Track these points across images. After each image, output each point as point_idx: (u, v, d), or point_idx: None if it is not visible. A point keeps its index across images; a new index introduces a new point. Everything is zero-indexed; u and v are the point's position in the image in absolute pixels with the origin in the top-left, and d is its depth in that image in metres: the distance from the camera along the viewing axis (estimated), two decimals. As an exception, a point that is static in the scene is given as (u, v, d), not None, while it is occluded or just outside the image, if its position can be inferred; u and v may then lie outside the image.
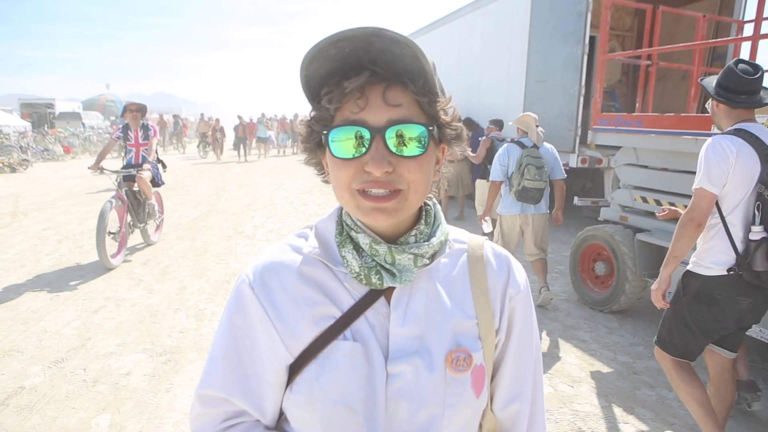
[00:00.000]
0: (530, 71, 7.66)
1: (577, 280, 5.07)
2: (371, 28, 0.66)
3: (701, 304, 2.51)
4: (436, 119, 0.76)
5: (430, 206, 0.87)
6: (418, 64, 0.70)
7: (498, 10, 8.62)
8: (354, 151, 0.72)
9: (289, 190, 12.64)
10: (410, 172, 0.73)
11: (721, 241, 2.45)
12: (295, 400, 0.79)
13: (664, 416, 3.13)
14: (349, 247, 0.80)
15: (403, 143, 0.72)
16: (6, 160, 16.00)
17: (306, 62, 0.70)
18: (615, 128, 4.72)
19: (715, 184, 2.40)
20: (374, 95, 0.71)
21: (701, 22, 5.43)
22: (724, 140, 2.40)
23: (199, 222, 8.60)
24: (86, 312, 4.60)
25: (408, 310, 0.79)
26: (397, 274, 0.78)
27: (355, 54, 0.69)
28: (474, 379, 0.80)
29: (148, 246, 6.91)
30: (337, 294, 0.80)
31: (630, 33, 8.41)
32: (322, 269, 0.82)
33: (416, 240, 0.81)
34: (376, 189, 0.72)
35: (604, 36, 4.95)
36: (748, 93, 2.47)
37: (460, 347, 0.79)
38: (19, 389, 3.31)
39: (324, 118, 0.75)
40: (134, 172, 6.16)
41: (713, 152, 2.41)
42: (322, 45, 0.68)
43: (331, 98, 0.72)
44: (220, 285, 5.38)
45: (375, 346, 0.78)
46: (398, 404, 0.77)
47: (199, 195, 11.62)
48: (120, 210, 5.93)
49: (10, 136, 19.39)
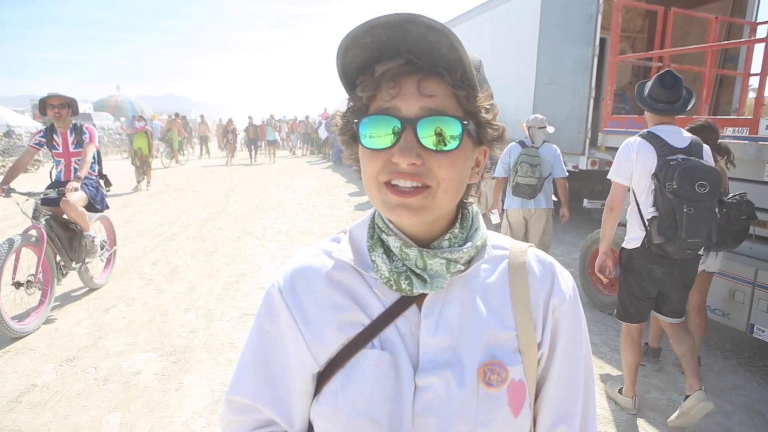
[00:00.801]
0: (540, 73, 7.63)
1: (586, 283, 5.04)
2: (406, 14, 0.63)
3: (627, 272, 3.09)
4: (474, 115, 0.71)
5: (468, 210, 0.81)
6: (456, 54, 0.66)
7: (507, 13, 8.61)
8: (383, 141, 0.69)
9: (298, 191, 12.67)
10: (441, 167, 0.68)
11: (636, 221, 2.99)
12: (320, 410, 0.76)
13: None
14: (380, 251, 0.77)
15: (435, 137, 0.68)
16: (18, 160, 16.18)
17: (342, 50, 0.68)
18: (625, 130, 4.70)
19: (622, 176, 2.98)
20: (408, 84, 0.68)
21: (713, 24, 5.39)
22: (631, 141, 2.96)
23: (209, 223, 8.65)
24: (97, 311, 4.64)
25: (441, 319, 0.74)
26: (428, 280, 0.73)
27: (391, 42, 0.66)
28: (511, 396, 0.73)
29: (157, 247, 6.94)
30: (367, 300, 0.77)
31: (641, 35, 8.37)
32: (352, 274, 0.79)
33: (450, 244, 0.77)
34: (403, 182, 0.68)
35: (615, 38, 4.93)
36: (666, 102, 2.92)
37: (495, 359, 0.74)
38: (31, 387, 3.34)
39: (358, 108, 0.73)
40: (56, 195, 4.50)
41: (621, 151, 2.99)
42: (357, 32, 0.65)
43: (365, 86, 0.70)
44: (229, 285, 5.41)
45: (404, 356, 0.73)
46: (426, 419, 0.71)
47: (209, 196, 11.68)
48: (35, 248, 4.24)
49: (22, 136, 19.61)
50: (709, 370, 3.74)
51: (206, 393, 3.31)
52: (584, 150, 6.66)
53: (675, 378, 3.61)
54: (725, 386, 3.52)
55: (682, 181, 2.68)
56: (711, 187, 2.68)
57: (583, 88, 6.65)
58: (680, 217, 2.70)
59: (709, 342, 4.21)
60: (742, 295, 3.50)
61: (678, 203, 2.71)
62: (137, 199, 10.96)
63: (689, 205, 2.68)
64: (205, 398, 3.25)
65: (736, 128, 3.65)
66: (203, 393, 3.31)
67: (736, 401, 3.33)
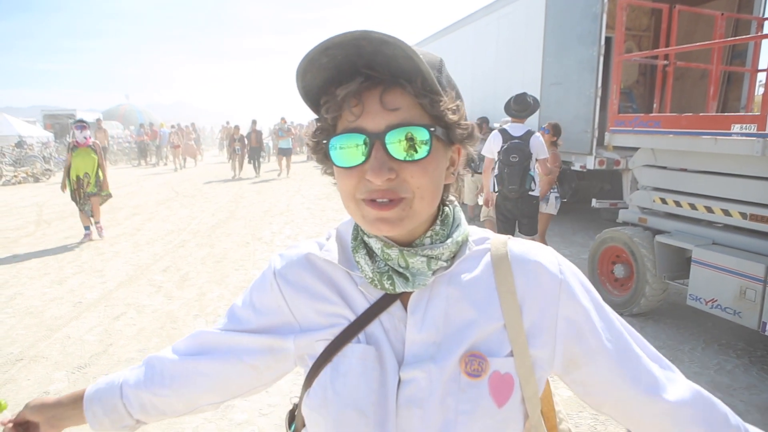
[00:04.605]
0: (546, 74, 7.62)
1: (596, 283, 5.01)
2: (358, 32, 0.63)
3: (497, 207, 5.31)
4: (440, 120, 0.72)
5: (449, 208, 0.83)
6: (412, 63, 0.66)
7: (512, 14, 8.60)
8: (354, 159, 0.70)
9: (306, 195, 12.71)
10: (414, 177, 0.70)
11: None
12: (311, 403, 0.80)
13: (686, 420, 3.08)
14: (362, 252, 0.79)
15: (404, 148, 0.69)
16: (29, 170, 16.37)
17: (300, 74, 0.69)
18: (632, 129, 4.68)
19: (488, 153, 5.23)
20: (371, 100, 0.69)
21: (719, 21, 5.35)
22: (494, 133, 5.24)
23: (218, 229, 8.69)
24: (108, 318, 4.68)
25: (426, 315, 0.76)
26: (410, 278, 0.75)
27: (347, 60, 0.67)
28: (492, 385, 0.75)
29: (167, 254, 7.00)
30: (353, 297, 0.80)
31: (647, 33, 8.32)
32: (339, 272, 0.83)
33: (432, 241, 0.78)
34: (381, 199, 0.70)
35: (620, 37, 4.90)
36: (517, 110, 5.11)
37: (474, 350, 0.75)
38: (43, 394, 3.36)
39: (326, 128, 0.74)
40: None
41: (490, 138, 5.23)
42: (312, 55, 0.66)
43: (329, 108, 0.70)
44: (238, 291, 5.43)
45: (389, 351, 0.76)
46: (410, 410, 0.74)
47: (217, 202, 11.75)
48: None
49: (33, 146, 19.82)
50: (721, 369, 3.70)
51: (216, 398, 3.32)
52: (592, 150, 6.63)
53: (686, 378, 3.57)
54: (738, 385, 3.49)
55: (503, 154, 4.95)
56: (520, 157, 4.86)
57: (590, 88, 6.63)
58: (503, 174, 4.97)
59: (721, 341, 4.17)
60: (753, 293, 3.47)
61: (501, 167, 4.99)
62: (147, 207, 11.03)
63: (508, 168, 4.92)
64: (216, 404, 3.26)
65: (744, 125, 3.62)
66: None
67: (750, 400, 3.30)
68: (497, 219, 5.33)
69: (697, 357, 3.90)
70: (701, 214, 4.11)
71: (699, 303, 3.90)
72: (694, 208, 4.15)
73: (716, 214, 3.97)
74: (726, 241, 3.90)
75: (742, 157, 3.68)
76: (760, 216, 3.62)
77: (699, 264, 3.88)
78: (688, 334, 4.33)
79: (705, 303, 3.85)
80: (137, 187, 13.25)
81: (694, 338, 4.24)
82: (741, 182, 3.77)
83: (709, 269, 3.80)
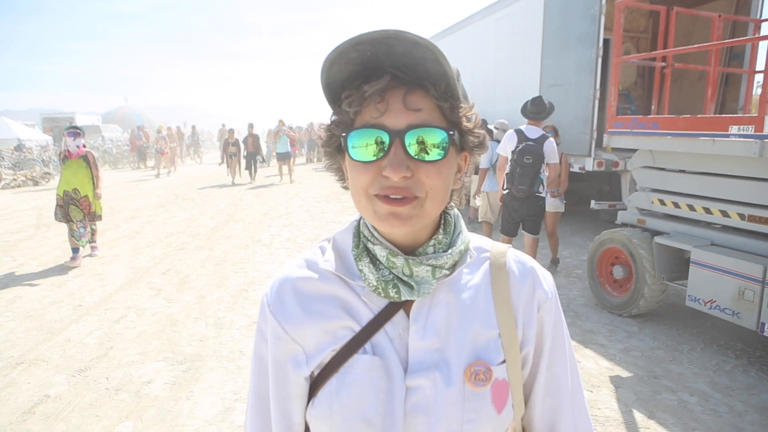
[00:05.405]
0: (544, 76, 7.64)
1: (595, 284, 5.02)
2: (391, 31, 0.64)
3: (504, 206, 5.39)
4: (457, 125, 0.74)
5: (450, 215, 0.84)
6: (440, 68, 0.68)
7: (511, 16, 8.62)
8: (373, 154, 0.71)
9: (305, 198, 12.71)
10: (429, 177, 0.71)
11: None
12: (316, 413, 0.79)
13: (685, 421, 3.09)
14: (366, 261, 0.79)
15: (422, 148, 0.70)
16: (29, 173, 16.37)
17: (327, 65, 0.69)
18: (631, 131, 4.69)
19: (503, 152, 5.27)
20: (394, 99, 0.70)
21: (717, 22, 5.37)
22: (510, 132, 5.30)
23: (218, 231, 8.70)
24: (108, 321, 4.68)
25: (428, 323, 0.77)
26: (415, 287, 0.75)
27: (375, 57, 0.68)
28: (494, 393, 0.77)
29: (167, 257, 7.00)
30: (356, 308, 0.79)
31: (645, 35, 8.35)
32: (338, 284, 0.81)
33: (435, 250, 0.79)
34: (394, 195, 0.71)
35: (618, 39, 4.92)
36: (534, 113, 5.22)
37: (480, 360, 0.77)
38: (44, 397, 3.38)
39: (344, 122, 0.74)
40: None
41: (506, 137, 5.30)
42: (343, 48, 0.67)
43: (352, 102, 0.71)
44: (238, 294, 5.44)
45: (394, 360, 0.76)
46: (416, 418, 0.75)
47: (216, 205, 11.75)
48: None
49: (32, 150, 19.84)
50: (720, 370, 3.71)
51: (217, 401, 3.33)
52: (590, 151, 6.65)
53: (685, 379, 3.59)
54: (737, 386, 3.49)
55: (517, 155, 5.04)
56: (534, 159, 4.98)
57: (588, 90, 6.65)
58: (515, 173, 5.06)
59: (720, 341, 4.18)
60: (751, 293, 3.48)
61: (513, 167, 5.08)
62: (146, 210, 11.04)
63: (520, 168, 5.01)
64: (216, 407, 3.27)
65: (741, 126, 3.63)
66: (214, 401, 3.33)
67: (748, 401, 3.31)
68: (502, 218, 5.47)
69: (696, 358, 3.91)
70: (700, 215, 4.13)
71: (698, 304, 3.91)
72: (692, 209, 4.16)
73: (714, 216, 3.98)
74: (724, 242, 3.91)
75: (739, 158, 3.69)
76: (758, 217, 3.63)
77: (698, 265, 3.89)
78: (687, 334, 4.34)
79: (704, 304, 3.86)
80: (136, 189, 13.25)
81: (693, 339, 4.25)
82: (739, 183, 3.78)
83: (707, 270, 3.81)
